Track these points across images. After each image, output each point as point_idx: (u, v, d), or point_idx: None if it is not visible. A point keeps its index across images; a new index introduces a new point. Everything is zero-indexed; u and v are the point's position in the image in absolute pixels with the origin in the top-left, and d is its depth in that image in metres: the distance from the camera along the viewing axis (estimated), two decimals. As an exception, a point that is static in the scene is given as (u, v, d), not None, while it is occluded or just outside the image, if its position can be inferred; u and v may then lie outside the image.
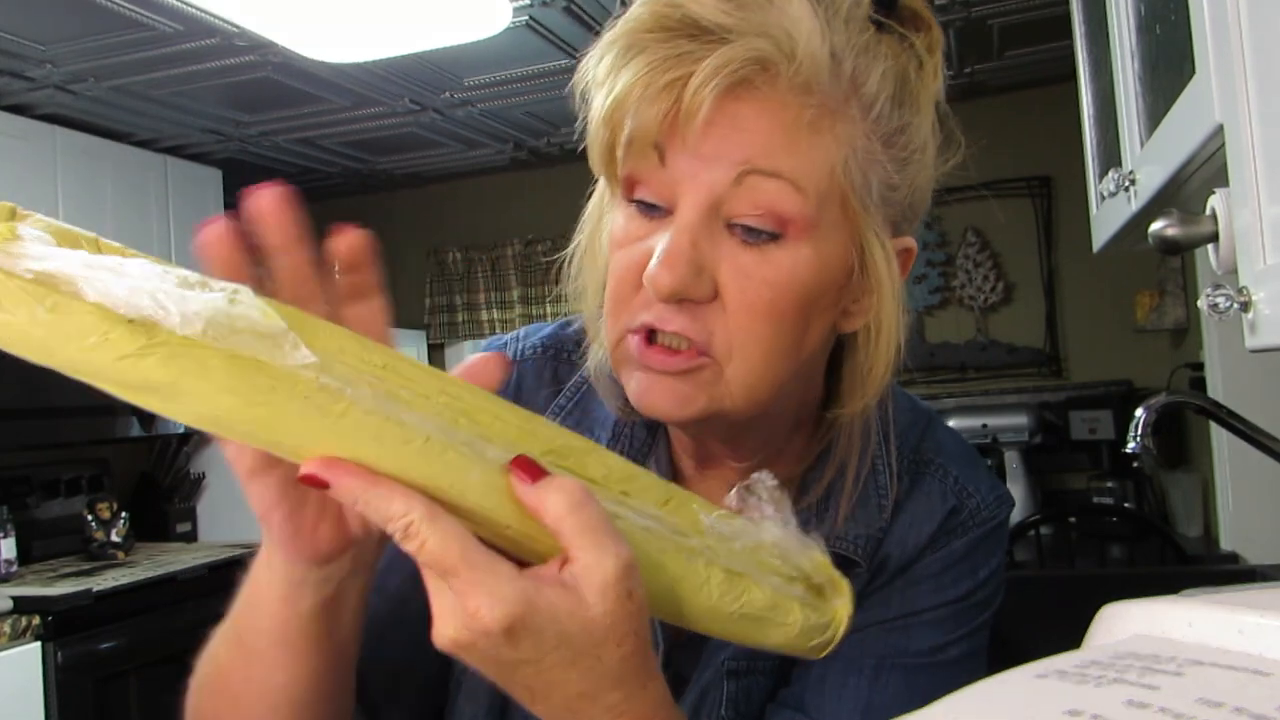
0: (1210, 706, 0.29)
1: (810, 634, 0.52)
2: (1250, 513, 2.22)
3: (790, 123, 0.53)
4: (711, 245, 0.54)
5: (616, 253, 0.58)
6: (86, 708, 2.51)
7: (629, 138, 0.53)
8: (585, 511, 0.44)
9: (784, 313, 0.55)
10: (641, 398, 0.57)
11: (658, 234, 0.55)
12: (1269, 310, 0.61)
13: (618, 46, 0.54)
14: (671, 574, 0.48)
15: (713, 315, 0.54)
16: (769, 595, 0.50)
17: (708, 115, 0.51)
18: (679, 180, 0.54)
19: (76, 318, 0.39)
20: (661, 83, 0.52)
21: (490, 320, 4.14)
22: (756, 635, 0.51)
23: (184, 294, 0.40)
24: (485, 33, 2.43)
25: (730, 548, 0.50)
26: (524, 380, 0.71)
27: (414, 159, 3.87)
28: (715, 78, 0.51)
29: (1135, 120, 1.08)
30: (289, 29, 2.36)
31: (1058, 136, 2.65)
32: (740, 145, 0.53)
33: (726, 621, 0.50)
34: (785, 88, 0.53)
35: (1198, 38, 0.72)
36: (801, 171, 0.53)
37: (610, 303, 0.58)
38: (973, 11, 2.70)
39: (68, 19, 2.35)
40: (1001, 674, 0.35)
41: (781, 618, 0.51)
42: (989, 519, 0.67)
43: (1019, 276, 3.49)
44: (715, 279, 0.54)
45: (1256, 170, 0.62)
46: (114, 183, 3.18)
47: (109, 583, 2.64)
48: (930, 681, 0.63)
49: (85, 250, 0.42)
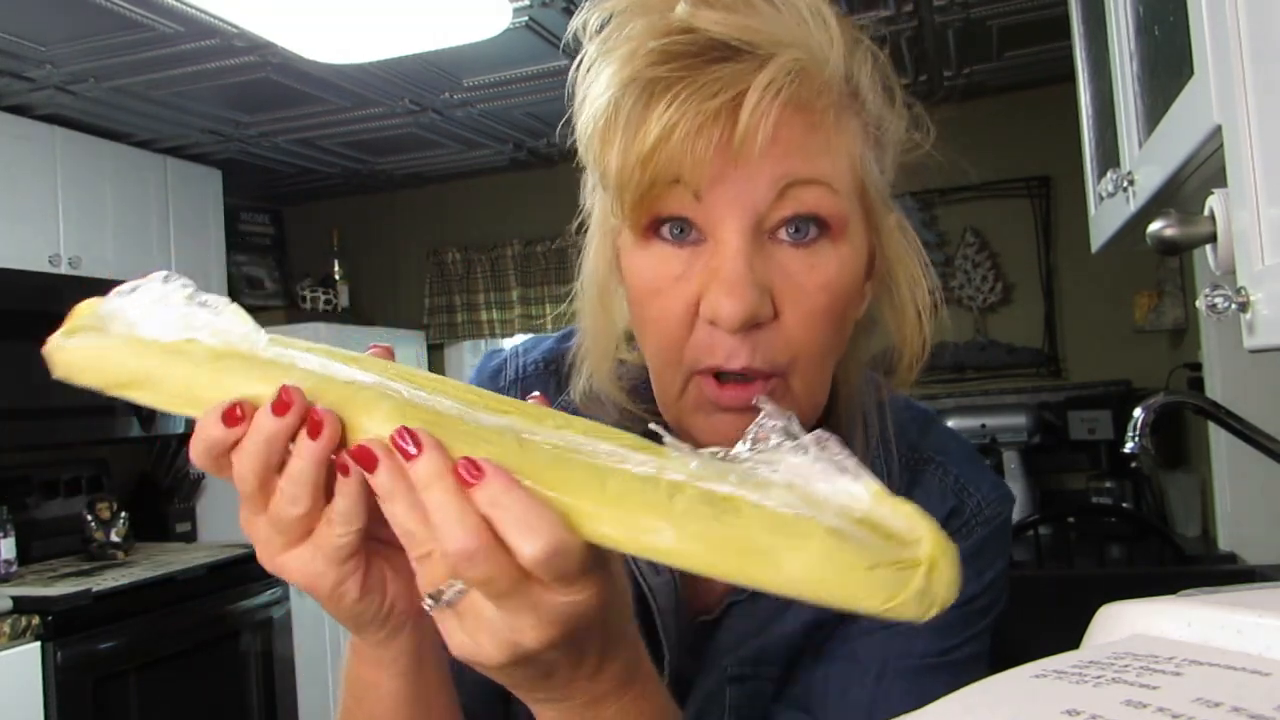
0: (1208, 706, 0.29)
1: (846, 565, 0.40)
2: (1248, 513, 2.23)
3: (821, 126, 0.53)
4: (763, 261, 0.53)
5: (651, 301, 0.55)
6: (86, 708, 2.51)
7: (678, 174, 0.51)
8: (503, 504, 0.41)
9: (836, 313, 0.55)
10: (720, 439, 0.53)
11: (697, 265, 0.54)
12: (1267, 310, 0.61)
13: (629, 90, 0.51)
14: (603, 499, 0.42)
15: (773, 336, 0.54)
16: (768, 516, 0.41)
17: (766, 136, 0.50)
18: (716, 209, 0.52)
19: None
20: (711, 109, 0.49)
21: (490, 321, 4.13)
22: (763, 570, 0.41)
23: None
24: (485, 33, 2.43)
25: (717, 482, 0.42)
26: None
27: (414, 159, 3.87)
28: (771, 94, 0.49)
29: (1134, 121, 1.08)
30: (289, 30, 2.36)
31: (1056, 137, 2.65)
32: (780, 159, 0.52)
33: (702, 555, 0.41)
34: (812, 94, 0.52)
35: (1196, 39, 0.72)
36: (834, 172, 0.54)
37: (663, 353, 0.56)
38: (972, 12, 2.70)
39: (68, 19, 2.35)
40: (1000, 674, 0.36)
41: (792, 542, 0.40)
42: (992, 518, 0.67)
43: (1018, 277, 3.49)
44: (772, 297, 0.53)
45: (1255, 171, 0.62)
46: (114, 183, 3.18)
47: (108, 583, 2.64)
48: (934, 684, 0.62)
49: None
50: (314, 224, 4.37)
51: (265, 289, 4.08)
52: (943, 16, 2.72)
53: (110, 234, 3.14)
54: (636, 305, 0.58)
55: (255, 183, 4.02)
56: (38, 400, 2.82)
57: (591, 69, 0.56)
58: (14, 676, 2.37)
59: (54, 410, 2.87)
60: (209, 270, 3.59)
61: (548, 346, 0.73)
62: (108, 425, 3.09)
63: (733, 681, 0.64)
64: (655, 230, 0.55)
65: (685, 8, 0.52)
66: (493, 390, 0.71)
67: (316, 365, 0.46)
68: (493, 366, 0.74)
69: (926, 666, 0.63)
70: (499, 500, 0.41)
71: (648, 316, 0.57)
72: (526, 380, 0.72)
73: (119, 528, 3.14)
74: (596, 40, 0.56)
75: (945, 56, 3.06)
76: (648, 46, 0.51)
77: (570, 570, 0.41)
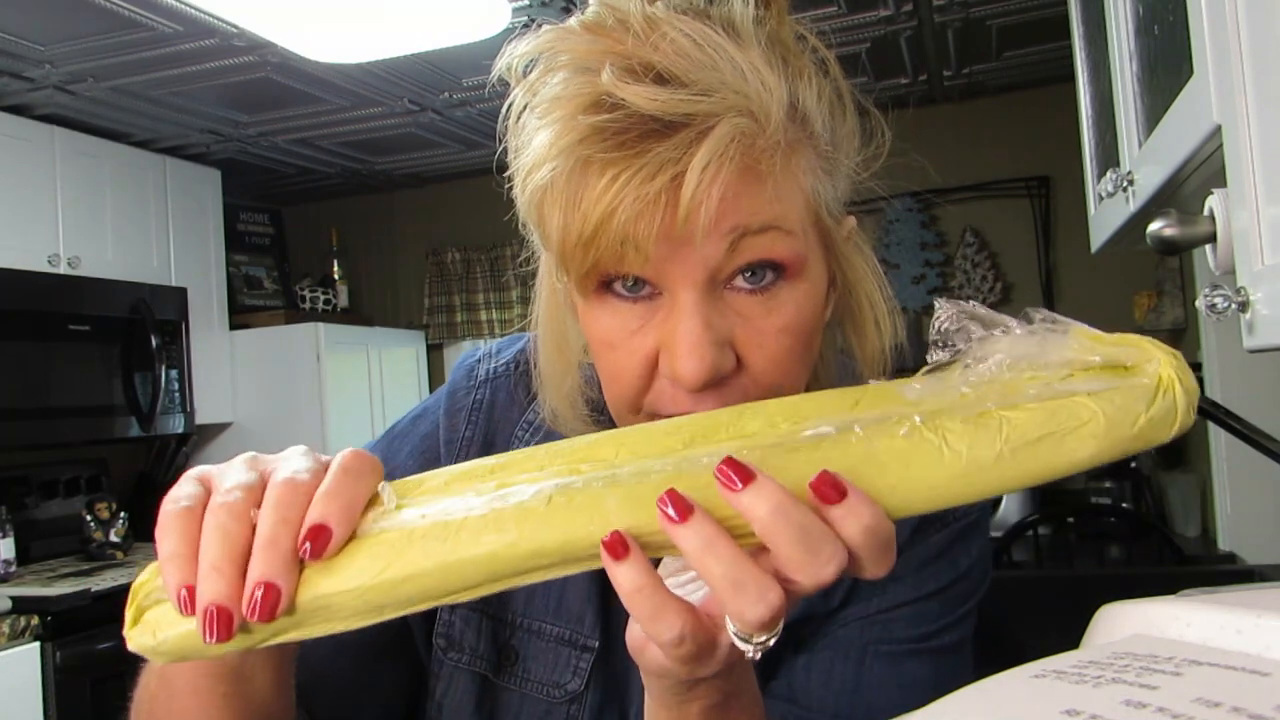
0: (1208, 706, 0.29)
1: (1129, 416, 0.42)
2: (1248, 513, 2.23)
3: (767, 176, 0.51)
4: (720, 315, 0.52)
5: (608, 354, 0.55)
6: (85, 708, 2.51)
7: (621, 254, 0.50)
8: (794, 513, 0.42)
9: (800, 350, 0.55)
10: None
11: (652, 324, 0.53)
12: (1266, 310, 0.61)
13: (569, 158, 0.49)
14: (893, 469, 0.42)
15: (738, 381, 0.53)
16: (1035, 410, 0.41)
17: (710, 214, 0.48)
18: (667, 270, 0.51)
19: None
20: (651, 193, 0.48)
21: (489, 320, 4.13)
22: (1058, 458, 0.42)
23: None
24: (485, 33, 2.43)
25: (951, 398, 0.42)
26: (496, 398, 0.72)
27: (413, 159, 3.86)
28: (712, 171, 0.47)
29: (1134, 121, 1.08)
30: (288, 29, 2.36)
31: (1056, 137, 2.65)
32: (728, 215, 0.50)
33: (1003, 469, 0.42)
34: (760, 146, 0.50)
35: (1196, 39, 0.72)
36: (785, 213, 0.52)
37: (624, 400, 0.55)
38: (971, 12, 2.70)
39: (67, 19, 2.35)
40: (999, 674, 0.36)
41: (1072, 422, 0.41)
42: (965, 512, 0.67)
43: (1017, 277, 3.49)
44: (733, 346, 0.52)
45: (1254, 171, 0.62)
46: (113, 183, 3.18)
47: (107, 583, 2.64)
48: (916, 666, 0.64)
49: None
50: (313, 224, 4.37)
51: (264, 289, 4.08)
52: (942, 16, 2.72)
53: (109, 234, 3.14)
54: (594, 355, 0.57)
55: (254, 183, 4.02)
56: (37, 400, 2.82)
57: (521, 120, 0.54)
58: (13, 676, 2.37)
59: (53, 410, 2.87)
60: (208, 270, 3.59)
61: (519, 347, 0.74)
62: (107, 425, 3.09)
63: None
64: (608, 287, 0.53)
65: (610, 78, 0.48)
66: (465, 390, 0.72)
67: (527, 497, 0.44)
68: (467, 365, 0.75)
69: (907, 652, 0.64)
70: (854, 508, 0.42)
71: (605, 368, 0.56)
72: (497, 380, 0.72)
73: (118, 528, 3.14)
74: (524, 85, 0.54)
75: (945, 56, 3.06)
76: (579, 122, 0.49)
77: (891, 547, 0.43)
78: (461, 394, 0.72)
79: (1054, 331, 0.42)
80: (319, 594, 0.42)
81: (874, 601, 0.64)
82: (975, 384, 0.42)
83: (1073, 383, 0.42)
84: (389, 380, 3.97)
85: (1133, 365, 0.43)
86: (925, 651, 0.64)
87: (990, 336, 0.42)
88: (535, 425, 0.69)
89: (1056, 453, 0.41)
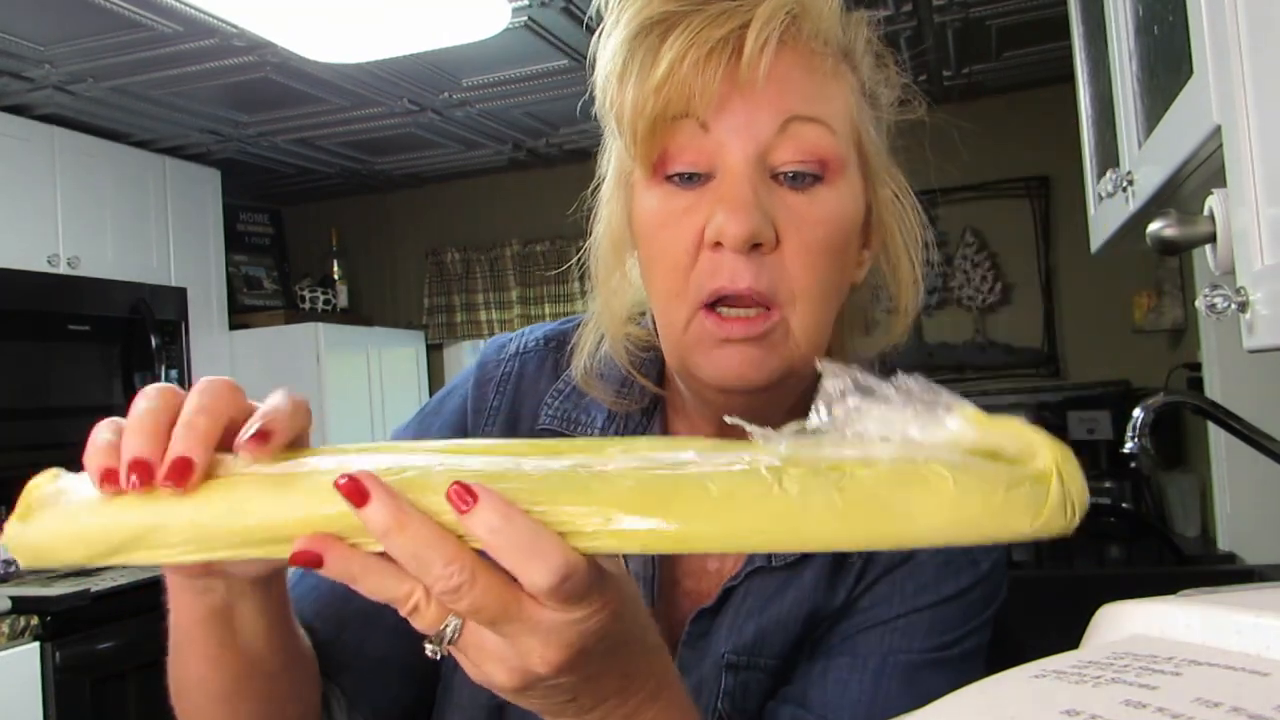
0: (1208, 706, 0.29)
1: (982, 491, 0.39)
2: (1248, 513, 2.22)
3: (819, 70, 0.57)
4: (766, 194, 0.56)
5: (659, 234, 0.58)
6: (84, 708, 2.50)
7: (687, 104, 0.55)
8: (508, 530, 0.40)
9: (835, 250, 0.58)
10: (724, 372, 0.57)
11: (702, 202, 0.56)
12: (1266, 310, 0.61)
13: (643, 30, 0.55)
14: (722, 501, 0.40)
15: (775, 265, 0.56)
16: (884, 470, 0.39)
17: (768, 64, 0.54)
18: (722, 140, 0.56)
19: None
20: (718, 37, 0.53)
21: (489, 320, 4.14)
22: (896, 521, 0.39)
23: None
24: (484, 33, 2.43)
25: (809, 453, 0.40)
26: (525, 369, 0.72)
27: (413, 159, 3.87)
28: (770, 27, 0.54)
29: (1133, 121, 1.08)
30: (288, 29, 2.36)
31: (1056, 137, 2.65)
32: (782, 95, 0.56)
33: (836, 521, 0.39)
34: (809, 37, 0.57)
35: (1196, 39, 0.72)
36: (832, 114, 0.57)
37: (669, 284, 0.58)
38: (971, 12, 2.70)
39: (67, 19, 2.35)
40: (999, 674, 0.36)
41: (918, 486, 0.39)
42: None
43: (1017, 277, 3.49)
44: (774, 226, 0.56)
45: (1254, 171, 0.62)
46: (113, 183, 3.18)
47: (107, 583, 2.64)
48: (933, 678, 0.63)
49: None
50: (313, 224, 4.37)
51: (264, 289, 4.08)
52: (942, 16, 2.72)
53: (109, 234, 3.14)
54: (645, 242, 0.60)
55: (254, 183, 4.02)
56: (37, 400, 2.82)
57: (606, 32, 0.59)
58: (13, 676, 2.37)
59: (53, 410, 2.87)
60: (208, 270, 3.59)
61: (551, 327, 0.76)
62: (107, 425, 3.09)
63: (728, 669, 0.64)
64: (665, 176, 0.58)
65: None
66: (495, 362, 0.73)
67: (333, 464, 0.43)
68: (498, 342, 0.76)
69: (926, 662, 0.63)
70: (497, 527, 0.39)
71: (655, 251, 0.59)
72: (527, 354, 0.73)
73: (118, 528, 3.13)
74: (613, 10, 0.59)
75: (945, 56, 3.06)
76: (650, 2, 0.55)
77: (576, 591, 0.40)
78: (491, 366, 0.73)
79: (936, 407, 0.40)
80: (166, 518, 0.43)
81: (895, 604, 0.64)
82: (838, 443, 0.40)
83: (937, 452, 0.39)
84: (388, 380, 3.97)
85: (1013, 456, 0.40)
86: (944, 662, 0.63)
87: (868, 406, 0.40)
88: (564, 394, 0.70)
89: (895, 515, 0.39)
